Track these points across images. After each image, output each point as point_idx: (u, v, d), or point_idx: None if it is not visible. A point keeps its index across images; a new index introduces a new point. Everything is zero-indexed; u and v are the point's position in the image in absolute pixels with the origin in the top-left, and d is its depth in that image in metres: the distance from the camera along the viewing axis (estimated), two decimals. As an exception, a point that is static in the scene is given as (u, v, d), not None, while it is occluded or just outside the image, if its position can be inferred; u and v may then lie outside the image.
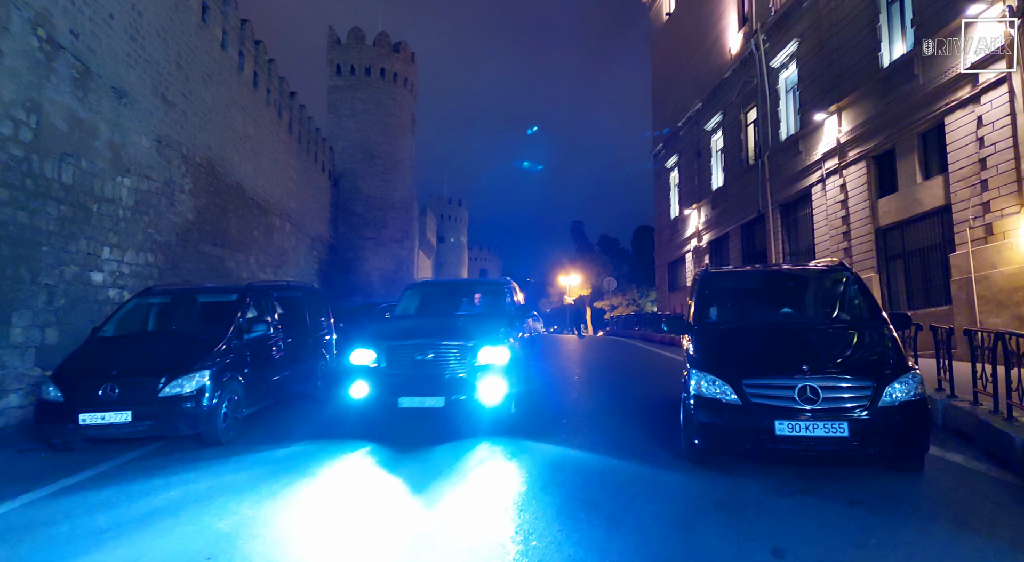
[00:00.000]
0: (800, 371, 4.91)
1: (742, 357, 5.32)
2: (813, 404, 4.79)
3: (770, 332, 5.68)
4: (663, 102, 33.92)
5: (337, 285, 27.02)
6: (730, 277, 7.05)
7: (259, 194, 17.03)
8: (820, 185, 18.64)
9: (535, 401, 8.94)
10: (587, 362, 15.29)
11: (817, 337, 5.56)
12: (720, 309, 6.30)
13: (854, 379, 4.89)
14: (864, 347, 5.41)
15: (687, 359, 5.77)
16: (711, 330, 5.88)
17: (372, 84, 27.91)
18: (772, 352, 5.31)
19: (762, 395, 4.94)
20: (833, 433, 4.72)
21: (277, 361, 8.13)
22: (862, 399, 4.80)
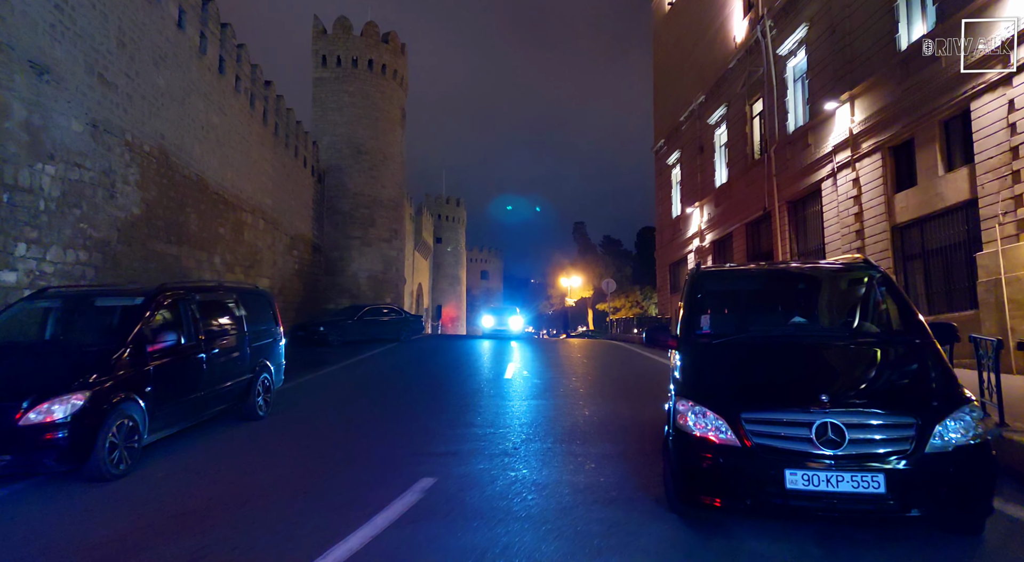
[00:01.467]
0: (818, 402, 3.67)
1: (741, 382, 4.09)
2: (836, 448, 3.55)
3: (777, 349, 4.42)
4: (665, 96, 32.67)
5: (323, 287, 25.85)
6: (727, 277, 5.76)
7: (226, 188, 15.85)
8: (831, 180, 17.37)
9: (500, 420, 7.72)
10: (575, 371, 14.03)
11: (839, 356, 4.30)
12: (715, 318, 5.04)
13: (891, 414, 3.64)
14: (902, 370, 4.14)
15: (671, 382, 4.54)
16: (701, 345, 4.61)
17: (359, 76, 26.70)
18: (780, 376, 4.06)
19: (767, 434, 3.70)
20: (864, 489, 3.47)
21: (197, 376, 6.91)
22: (902, 442, 3.55)
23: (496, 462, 5.87)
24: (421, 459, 6.00)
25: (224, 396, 7.57)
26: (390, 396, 10.41)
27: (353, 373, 13.92)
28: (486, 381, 12.11)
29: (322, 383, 12.38)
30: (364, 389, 11.60)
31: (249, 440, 7.26)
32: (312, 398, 10.46)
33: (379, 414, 8.75)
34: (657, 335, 5.01)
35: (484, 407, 9.01)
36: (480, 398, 9.89)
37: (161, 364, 6.25)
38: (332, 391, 11.40)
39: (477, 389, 11.00)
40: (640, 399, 9.65)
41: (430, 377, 13.19)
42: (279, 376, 9.20)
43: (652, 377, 12.77)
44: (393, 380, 12.74)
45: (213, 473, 5.79)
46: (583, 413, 8.52)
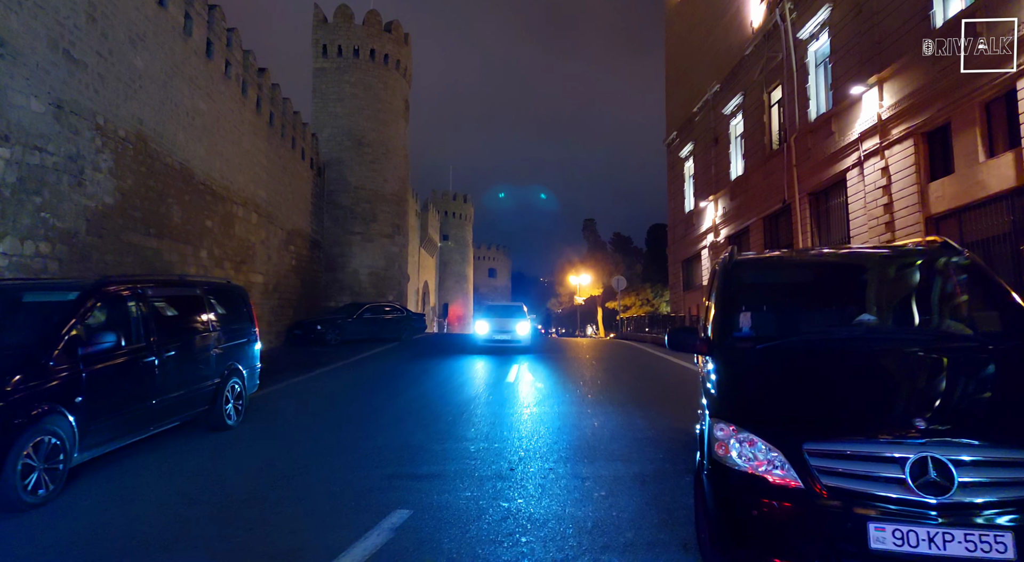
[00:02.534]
0: (911, 429, 2.70)
1: (800, 400, 3.11)
2: (941, 493, 2.57)
3: (844, 356, 3.42)
4: (677, 87, 31.58)
5: (323, 284, 25.01)
6: (770, 266, 4.73)
7: (214, 179, 14.99)
8: (857, 169, 16.27)
9: (497, 431, 6.76)
10: (583, 374, 13.06)
11: (928, 365, 3.30)
12: (757, 316, 4.03)
13: (1019, 448, 2.66)
14: (1019, 384, 3.14)
15: (703, 396, 3.58)
16: (742, 351, 3.62)
17: (361, 66, 25.79)
18: (854, 392, 3.08)
19: (842, 473, 2.72)
20: (984, 553, 2.49)
21: (147, 383, 6.01)
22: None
23: (487, 488, 4.92)
24: (399, 484, 5.06)
25: (184, 405, 6.68)
26: (379, 402, 9.49)
27: (345, 375, 13.02)
28: (486, 385, 11.17)
29: (310, 386, 11.49)
30: (353, 394, 10.69)
31: (209, 456, 6.35)
32: (295, 404, 9.56)
33: (362, 424, 7.82)
34: (683, 339, 4.02)
35: (480, 416, 8.07)
36: (477, 405, 8.95)
37: (98, 370, 5.34)
38: (318, 395, 10.49)
39: (475, 394, 10.06)
40: (655, 406, 8.68)
41: (427, 380, 12.26)
42: (253, 381, 8.30)
43: (667, 380, 11.79)
44: (386, 383, 11.80)
45: (152, 501, 4.87)
46: (592, 424, 7.55)
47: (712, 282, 4.89)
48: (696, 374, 11.94)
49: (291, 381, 11.92)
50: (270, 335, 18.98)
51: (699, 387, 5.68)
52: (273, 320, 19.21)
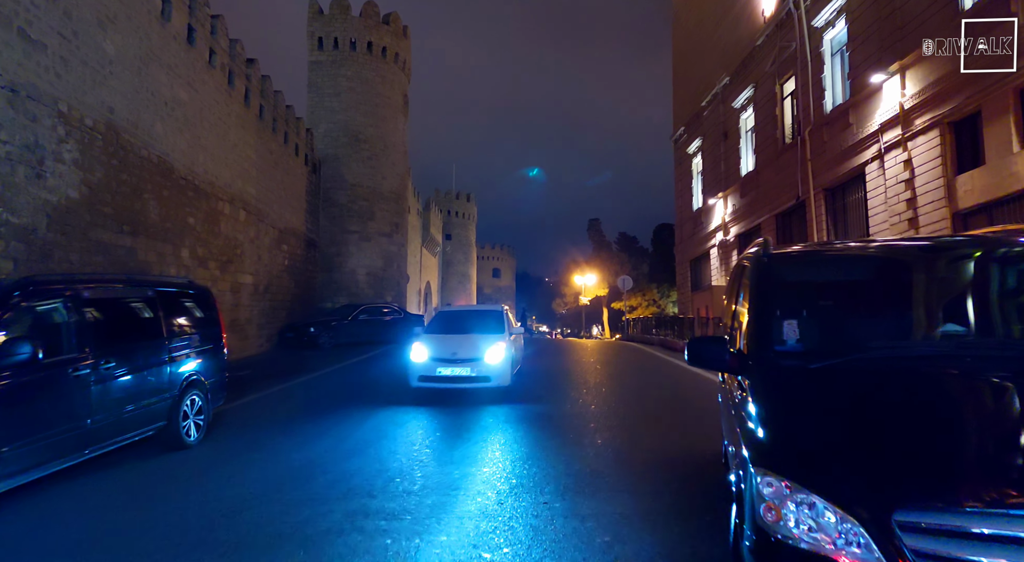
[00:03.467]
0: None
1: (884, 448, 2.24)
2: None
3: (940, 383, 2.56)
4: (685, 81, 30.67)
5: (318, 284, 24.21)
6: (817, 261, 3.72)
7: (197, 174, 14.19)
8: (877, 162, 15.35)
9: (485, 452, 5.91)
10: (584, 381, 12.18)
11: None
12: (804, 325, 3.15)
13: None
14: None
15: (736, 430, 2.72)
16: (793, 374, 2.75)
17: (358, 59, 24.96)
18: (962, 438, 2.22)
19: (955, 557, 1.87)
20: None
21: (77, 400, 5.18)
22: None
23: (466, 530, 4.07)
24: (362, 525, 4.21)
25: (133, 422, 5.86)
26: (362, 414, 8.65)
27: (332, 382, 12.19)
28: (481, 395, 10.31)
29: (291, 395, 10.67)
30: (336, 404, 9.84)
31: (155, 482, 5.53)
32: (269, 416, 8.72)
33: (339, 441, 6.98)
34: (708, 352, 3.16)
35: (468, 433, 7.22)
36: (465, 419, 8.10)
37: (8, 386, 4.52)
38: (297, 406, 9.66)
39: (465, 405, 9.20)
40: (665, 420, 7.82)
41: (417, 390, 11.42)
42: (219, 393, 7.47)
43: (676, 388, 10.91)
44: (374, 391, 10.98)
45: (48, 554, 4.03)
46: (594, 443, 6.69)
47: (738, 280, 4.02)
48: (711, 383, 11.10)
49: (272, 389, 11.10)
50: (260, 338, 18.19)
51: (721, 407, 4.83)
52: (264, 323, 18.42)
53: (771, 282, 3.28)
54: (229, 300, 15.86)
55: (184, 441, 6.51)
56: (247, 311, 17.03)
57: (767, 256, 3.45)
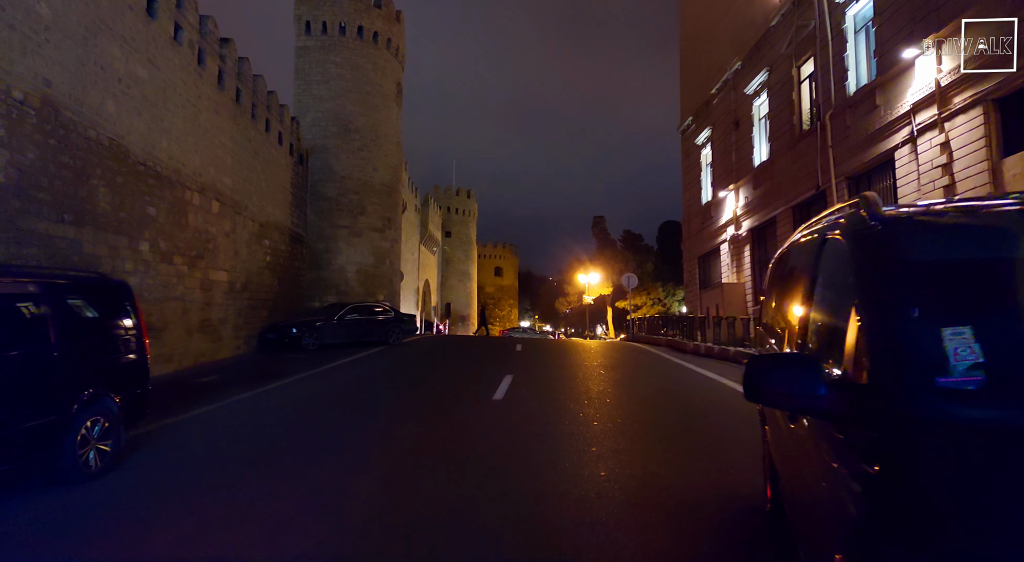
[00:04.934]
0: None
1: None
2: None
3: None
4: (693, 69, 29.26)
5: (306, 282, 22.89)
6: (970, 231, 2.14)
7: (160, 160, 12.87)
8: (908, 146, 13.96)
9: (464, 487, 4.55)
10: (588, 390, 10.83)
11: None
12: (970, 337, 1.77)
13: None
14: None
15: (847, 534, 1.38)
16: (1003, 454, 1.39)
17: (348, 45, 23.60)
18: None
19: None
20: None
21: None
22: None
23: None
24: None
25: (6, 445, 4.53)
26: (324, 433, 7.34)
27: (305, 390, 10.87)
28: (467, 406, 8.99)
29: (253, 407, 9.34)
30: (303, 419, 8.53)
31: (21, 532, 4.19)
32: (216, 435, 7.39)
33: (294, 473, 5.66)
34: (787, 382, 1.79)
35: (446, 461, 5.87)
36: (447, 442, 6.75)
37: None
38: (257, 421, 8.32)
39: (449, 422, 7.87)
40: (682, 441, 6.45)
41: (397, 399, 10.11)
42: (137, 411, 6.14)
43: (689, 398, 9.50)
44: (345, 403, 9.68)
45: None
46: (596, 475, 5.33)
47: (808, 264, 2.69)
48: (729, 392, 9.69)
49: (232, 399, 9.77)
50: (237, 340, 16.88)
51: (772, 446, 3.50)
52: (242, 323, 17.11)
53: (890, 265, 1.91)
54: (199, 299, 14.55)
55: (78, 474, 5.19)
56: (220, 311, 15.71)
57: (878, 221, 2.08)
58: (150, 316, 12.47)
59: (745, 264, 22.52)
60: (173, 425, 7.72)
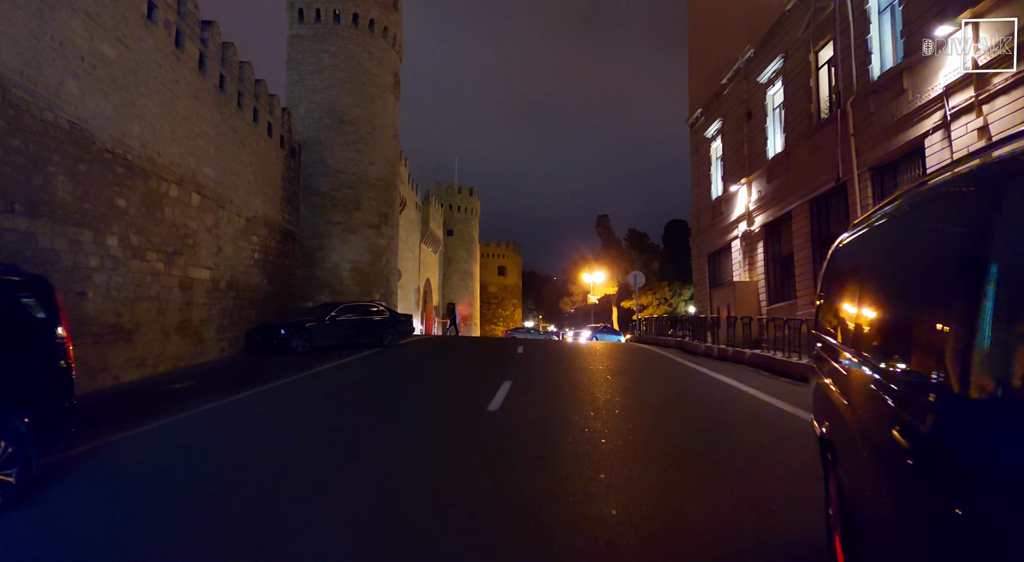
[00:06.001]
0: None
1: None
2: None
3: None
4: (702, 59, 28.19)
5: (298, 281, 21.92)
6: None
7: (131, 147, 11.91)
8: (941, 132, 12.87)
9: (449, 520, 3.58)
10: (594, 398, 9.81)
11: None
12: None
13: None
14: None
15: None
16: None
17: (343, 33, 22.62)
18: None
19: None
20: None
21: None
22: None
23: None
24: None
25: None
26: (286, 457, 6.36)
27: (279, 400, 9.88)
28: (457, 420, 7.99)
29: (224, 417, 8.36)
30: (275, 432, 7.55)
31: None
32: (169, 452, 6.39)
33: (253, 503, 4.67)
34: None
35: (423, 499, 4.86)
36: (427, 470, 5.75)
37: None
38: (222, 435, 7.31)
39: (435, 442, 6.87)
40: (709, 465, 5.41)
41: (379, 410, 9.12)
42: (58, 430, 5.13)
43: (709, 408, 8.40)
44: (320, 417, 8.70)
45: None
46: (607, 513, 4.31)
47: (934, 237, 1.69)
48: (752, 401, 8.58)
49: (199, 409, 8.79)
50: (222, 342, 15.92)
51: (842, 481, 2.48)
52: (227, 324, 16.14)
53: None
54: (177, 298, 13.58)
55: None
56: (202, 311, 14.74)
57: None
58: (120, 317, 11.54)
59: (758, 261, 21.46)
60: (119, 442, 6.74)
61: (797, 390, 10.31)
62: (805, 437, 6.46)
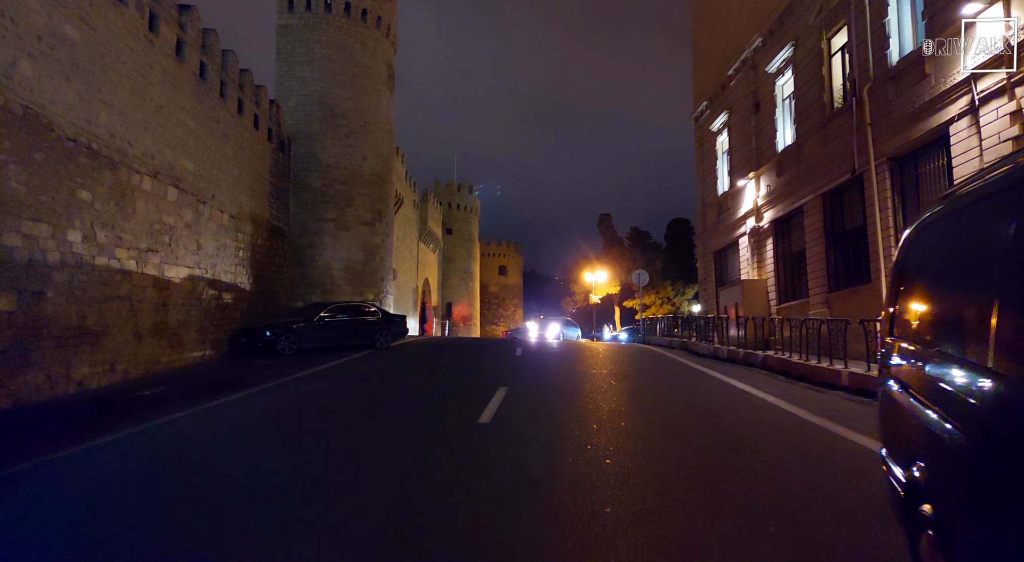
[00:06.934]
0: None
1: None
2: None
3: None
4: (707, 50, 27.32)
5: (288, 280, 21.06)
6: None
7: (98, 136, 11.05)
8: (968, 118, 11.99)
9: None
10: (597, 407, 8.94)
11: None
12: None
13: None
14: None
15: None
16: None
17: (334, 23, 21.75)
18: None
19: None
20: None
21: None
22: None
23: None
24: None
25: None
26: (240, 486, 5.50)
27: (251, 410, 9.01)
28: (443, 436, 7.12)
29: (182, 432, 7.49)
30: (218, 460, 6.70)
31: None
32: (102, 479, 5.52)
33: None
34: None
35: (385, 549, 3.99)
36: (400, 501, 4.88)
37: None
38: (168, 456, 6.45)
39: (414, 463, 6.00)
40: (738, 492, 4.51)
41: (360, 422, 8.26)
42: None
43: (725, 419, 7.44)
44: (293, 431, 7.85)
45: None
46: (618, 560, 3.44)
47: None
48: (776, 411, 7.66)
49: (162, 420, 7.94)
50: (204, 345, 15.06)
51: None
52: (209, 326, 15.28)
53: None
54: (151, 298, 12.72)
55: None
56: (181, 312, 13.88)
57: None
58: (85, 319, 10.68)
59: (767, 259, 20.58)
60: (55, 463, 5.88)
61: (820, 398, 9.43)
62: (843, 457, 5.53)
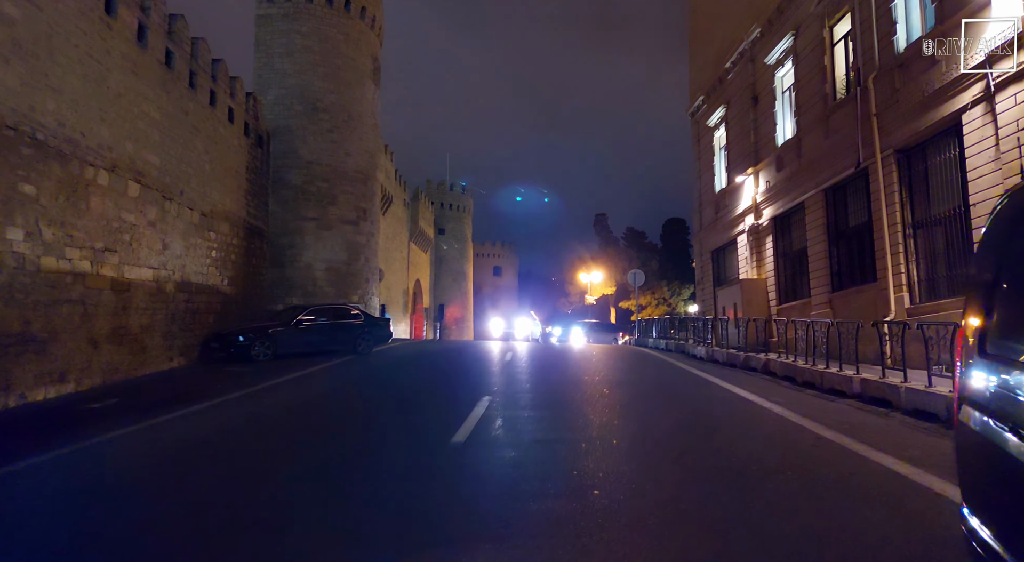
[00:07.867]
0: None
1: None
2: None
3: None
4: (703, 43, 26.55)
5: (267, 282, 20.14)
6: None
7: (45, 126, 10.15)
8: (981, 106, 11.22)
9: None
10: (588, 419, 8.09)
11: None
12: None
13: None
14: None
15: None
16: None
17: (316, 13, 20.86)
18: None
19: None
20: None
21: None
22: None
23: None
24: None
25: None
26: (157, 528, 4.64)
27: (202, 426, 8.12)
28: (410, 460, 6.25)
29: (116, 453, 6.62)
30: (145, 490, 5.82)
31: None
32: None
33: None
34: None
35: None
36: (345, 550, 4.01)
37: None
38: (87, 485, 5.56)
39: (371, 496, 5.13)
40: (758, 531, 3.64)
41: (314, 446, 7.39)
42: None
43: (739, 438, 6.51)
44: (242, 452, 6.98)
45: None
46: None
47: None
48: (786, 423, 6.46)
49: (99, 438, 7.05)
50: (172, 351, 14.14)
51: None
52: (177, 331, 14.36)
53: None
54: (108, 302, 11.81)
55: None
56: (143, 316, 12.96)
57: None
58: (29, 324, 9.77)
59: (767, 257, 19.78)
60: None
61: (831, 407, 8.60)
62: (870, 483, 4.47)
